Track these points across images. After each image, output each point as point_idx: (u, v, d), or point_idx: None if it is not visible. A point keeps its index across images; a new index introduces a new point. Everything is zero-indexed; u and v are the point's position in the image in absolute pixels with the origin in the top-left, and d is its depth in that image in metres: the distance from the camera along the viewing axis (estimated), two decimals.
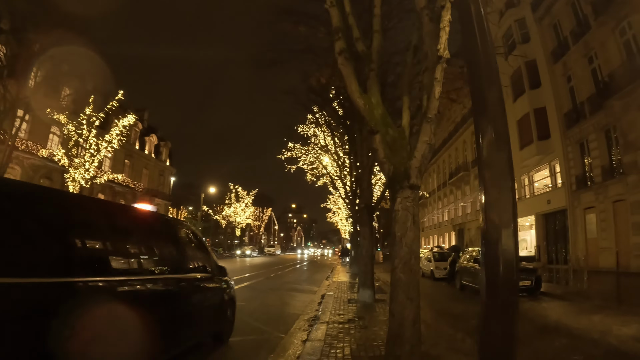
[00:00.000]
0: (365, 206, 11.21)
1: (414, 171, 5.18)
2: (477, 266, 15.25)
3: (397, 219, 5.16)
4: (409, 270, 5.02)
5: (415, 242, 5.14)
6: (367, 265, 10.88)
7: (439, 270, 21.56)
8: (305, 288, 16.52)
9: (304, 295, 13.96)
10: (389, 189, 5.47)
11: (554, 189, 26.91)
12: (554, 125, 26.94)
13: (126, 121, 27.17)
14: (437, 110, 5.38)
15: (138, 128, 55.40)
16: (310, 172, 25.54)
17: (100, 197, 48.73)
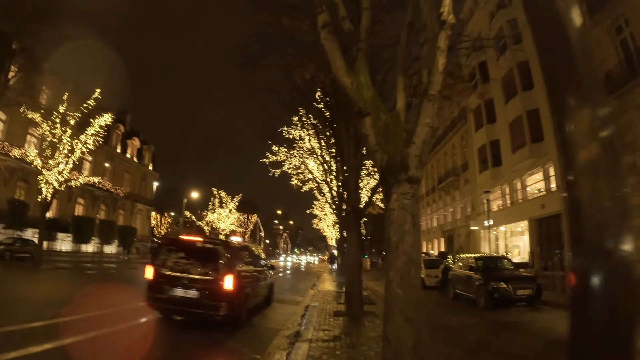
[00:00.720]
0: (353, 210, 10.16)
1: (413, 160, 4.13)
2: (472, 274, 14.28)
3: (392, 220, 4.10)
4: (408, 285, 3.96)
5: (416, 249, 4.07)
6: (354, 274, 9.81)
7: (430, 278, 20.56)
8: (287, 298, 15.26)
9: (285, 307, 12.76)
10: (381, 184, 4.41)
11: (549, 193, 26.10)
12: (547, 126, 26.14)
13: (102, 121, 25.72)
14: (440, 86, 4.34)
15: (120, 131, 54.00)
16: (296, 176, 24.43)
17: (80, 201, 47.33)
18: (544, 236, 26.82)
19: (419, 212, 4.30)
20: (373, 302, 12.87)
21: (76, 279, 19.27)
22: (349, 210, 10.31)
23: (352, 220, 10.13)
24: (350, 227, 10.38)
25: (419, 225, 4.19)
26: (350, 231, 10.38)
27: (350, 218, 10.18)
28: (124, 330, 8.22)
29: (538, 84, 27.31)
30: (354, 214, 10.09)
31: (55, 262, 30.17)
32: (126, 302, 11.18)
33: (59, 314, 8.71)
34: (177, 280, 8.71)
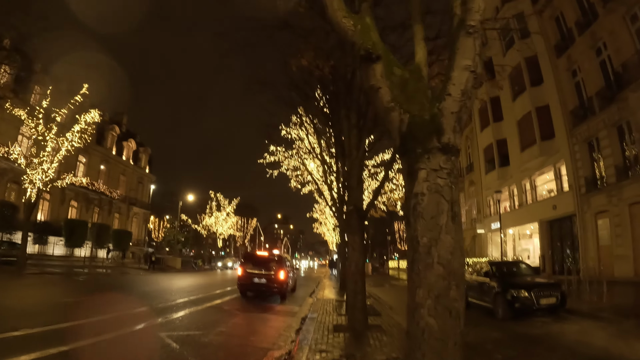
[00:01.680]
0: (355, 209, 8.74)
1: (449, 120, 2.76)
2: (487, 281, 12.85)
3: (420, 211, 2.71)
4: (446, 312, 2.55)
5: (457, 256, 2.66)
6: (357, 283, 8.39)
7: None
8: (283, 309, 13.79)
9: (280, 318, 11.32)
10: (402, 156, 2.99)
11: (560, 193, 24.70)
12: (558, 123, 24.83)
13: (89, 117, 24.35)
14: (482, 14, 2.95)
15: (115, 132, 52.74)
16: (295, 178, 23.13)
17: (73, 204, 45.90)
18: (556, 239, 25.43)
19: (459, 199, 2.90)
20: (377, 313, 11.43)
21: (59, 286, 17.92)
22: (350, 210, 8.89)
23: (354, 221, 8.72)
24: (352, 228, 8.98)
25: (460, 218, 2.79)
26: (352, 233, 8.97)
27: (352, 218, 8.78)
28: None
29: (548, 79, 26.01)
30: (356, 213, 8.68)
31: (45, 266, 28.95)
32: (107, 312, 9.79)
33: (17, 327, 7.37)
34: (254, 274, 16.17)
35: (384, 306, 13.97)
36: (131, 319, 9.57)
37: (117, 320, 9.35)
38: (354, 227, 8.89)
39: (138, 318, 9.82)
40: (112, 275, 27.38)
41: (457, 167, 2.89)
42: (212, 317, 10.60)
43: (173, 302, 13.19)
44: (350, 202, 9.15)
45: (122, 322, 9.06)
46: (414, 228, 2.69)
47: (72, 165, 44.95)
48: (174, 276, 30.15)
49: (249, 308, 13.19)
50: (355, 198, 8.95)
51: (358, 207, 8.83)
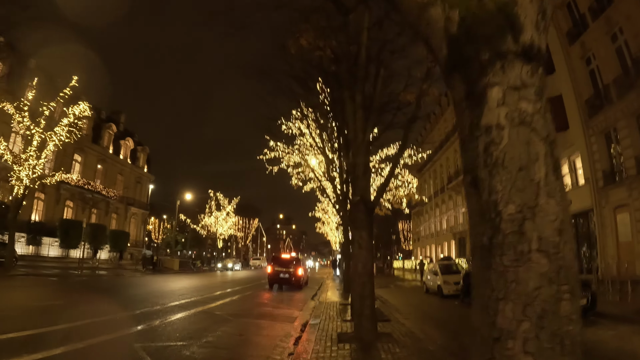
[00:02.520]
0: (362, 200, 7.51)
1: (529, 9, 1.53)
2: None
3: (498, 157, 1.48)
4: (557, 344, 1.32)
5: (568, 236, 1.43)
6: (364, 286, 7.14)
7: (448, 285, 17.86)
8: (282, 313, 12.50)
9: (277, 325, 10.00)
10: (452, 72, 1.74)
11: (575, 188, 23.42)
12: (572, 114, 23.57)
13: (78, 110, 23.16)
14: None
15: (112, 131, 51.64)
16: (296, 175, 21.97)
17: (69, 204, 44.73)
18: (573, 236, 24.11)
19: (555, 135, 1.69)
20: (386, 319, 10.20)
21: (42, 288, 16.77)
22: (356, 201, 7.65)
23: (360, 214, 7.49)
24: (359, 223, 7.74)
25: (560, 171, 1.57)
26: (359, 229, 7.73)
27: (359, 211, 7.55)
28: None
29: (560, 68, 24.75)
30: (363, 205, 7.45)
31: (38, 267, 28.04)
32: (82, 318, 8.59)
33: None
34: (280, 271, 22.02)
35: (391, 310, 12.76)
36: (106, 327, 8.37)
37: (90, 328, 8.16)
38: (360, 221, 7.66)
39: (114, 325, 8.62)
40: (104, 277, 26.19)
41: (545, 84, 1.69)
42: (201, 324, 9.38)
43: (160, 307, 12.01)
44: (356, 192, 7.91)
45: (95, 330, 7.86)
46: (489, 189, 1.49)
47: (68, 164, 43.90)
48: (169, 278, 28.95)
49: (243, 312, 11.90)
50: (362, 188, 7.73)
51: (365, 198, 7.60)
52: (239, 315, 10.95)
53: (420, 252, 60.82)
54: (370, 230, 7.48)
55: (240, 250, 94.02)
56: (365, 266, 7.21)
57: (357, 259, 7.40)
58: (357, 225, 7.72)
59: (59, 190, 42.44)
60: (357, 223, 7.71)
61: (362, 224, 7.52)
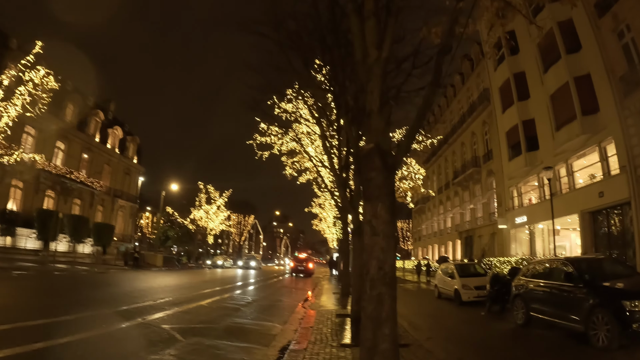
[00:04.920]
0: (377, 150, 4.45)
1: None
2: (569, 286, 8.41)
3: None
4: None
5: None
6: (381, 302, 3.88)
7: (467, 290, 14.84)
8: (257, 327, 9.16)
9: (241, 349, 6.74)
10: None
11: (607, 178, 20.46)
12: (604, 94, 20.63)
13: (36, 76, 20.14)
14: None
15: (99, 118, 48.59)
16: (290, 165, 19.21)
17: (50, 194, 41.61)
18: (603, 233, 21.17)
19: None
20: (403, 343, 6.93)
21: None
22: (369, 151, 4.47)
23: (376, 174, 4.39)
24: (373, 189, 4.40)
25: None
26: (372, 200, 4.43)
27: (373, 168, 4.39)
28: None
29: (588, 44, 21.87)
30: (380, 159, 4.42)
31: (11, 260, 25.81)
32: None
33: None
34: (298, 265, 41.89)
35: (403, 323, 9.69)
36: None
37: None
38: (375, 187, 4.54)
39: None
40: (74, 272, 23.09)
41: None
42: (124, 348, 6.43)
43: (92, 312, 9.14)
44: (369, 137, 4.82)
45: None
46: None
47: (49, 151, 40.91)
48: (147, 275, 25.98)
49: (203, 327, 8.40)
50: (377, 131, 4.65)
51: (382, 147, 4.58)
52: (193, 332, 7.62)
53: (421, 252, 58.11)
54: (391, 203, 4.49)
55: (239, 248, 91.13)
56: (383, 266, 4.17)
57: (370, 253, 4.32)
58: (371, 193, 4.60)
59: (38, 179, 39.41)
60: (369, 190, 4.61)
61: (378, 190, 4.46)
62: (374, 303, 3.93)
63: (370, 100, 4.82)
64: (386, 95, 5.37)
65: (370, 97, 4.84)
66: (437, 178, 50.09)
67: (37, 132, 39.05)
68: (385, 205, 4.38)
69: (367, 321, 3.88)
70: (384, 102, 4.87)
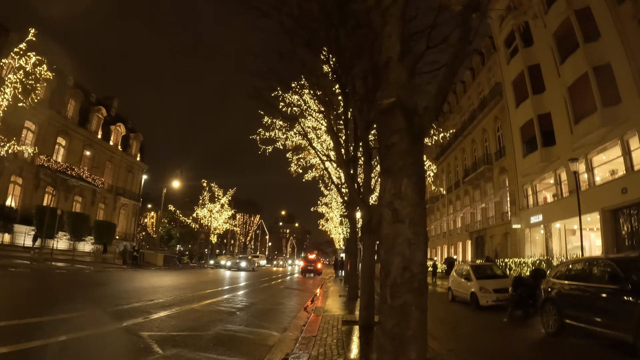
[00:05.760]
0: (400, 106, 3.31)
1: None
2: (615, 289, 7.19)
3: None
4: None
5: None
6: (409, 311, 2.89)
7: (486, 293, 13.65)
8: (251, 335, 7.86)
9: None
10: None
11: (631, 173, 19.24)
12: (626, 84, 19.44)
13: (23, 61, 19.17)
14: None
15: (102, 114, 47.70)
16: (296, 161, 18.45)
17: (50, 190, 40.65)
18: (625, 232, 19.93)
19: None
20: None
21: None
22: (389, 107, 3.38)
23: (399, 138, 3.30)
24: (396, 157, 3.29)
25: None
26: (394, 173, 3.21)
27: (395, 130, 3.29)
28: None
29: (607, 32, 20.69)
30: (403, 117, 3.30)
31: (6, 257, 25.00)
32: None
33: None
34: (308, 265, 44.70)
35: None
36: None
37: None
38: (397, 154, 3.33)
39: None
40: (59, 270, 22.14)
41: None
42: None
43: (77, 314, 8.13)
44: (388, 92, 3.65)
45: None
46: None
47: (50, 147, 40.13)
48: (144, 275, 25.05)
49: (189, 334, 7.42)
50: (398, 82, 3.52)
51: (406, 102, 3.47)
52: (175, 342, 6.44)
53: (429, 253, 56.83)
54: (419, 178, 3.38)
55: (246, 247, 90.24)
56: (409, 265, 3.00)
57: (391, 248, 3.13)
58: (392, 164, 3.41)
59: (38, 175, 38.61)
60: (390, 159, 3.43)
61: (402, 160, 3.31)
62: (396, 317, 2.81)
63: (388, 45, 3.68)
64: (408, 41, 4.21)
65: (387, 42, 3.70)
66: (447, 177, 48.84)
67: (37, 127, 38.37)
68: (412, 180, 3.27)
69: (387, 340, 2.76)
70: (405, 49, 3.75)
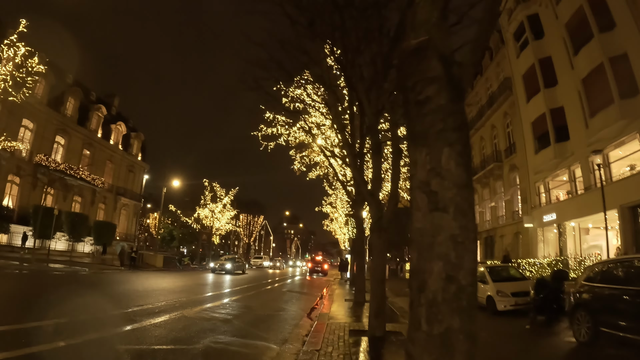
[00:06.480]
0: (431, 44, 2.33)
1: None
2: None
3: None
4: None
5: None
6: (455, 342, 1.95)
7: (503, 297, 12.63)
8: (244, 350, 6.76)
9: None
10: None
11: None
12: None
13: (19, 53, 18.39)
14: None
15: (101, 113, 46.86)
16: (299, 159, 18.04)
17: (49, 191, 39.82)
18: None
19: None
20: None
21: None
22: (416, 47, 2.45)
23: (434, 90, 2.29)
24: (430, 123, 2.20)
25: None
26: (428, 142, 2.32)
27: (428, 78, 2.39)
28: None
29: (623, 20, 19.68)
30: (438, 59, 2.44)
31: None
32: None
33: None
34: (315, 266, 48.91)
35: None
36: None
37: None
38: (433, 112, 2.22)
39: None
40: (52, 272, 21.26)
41: None
42: None
43: (36, 323, 7.28)
44: (416, 32, 2.67)
45: None
46: None
47: (48, 146, 39.30)
48: (140, 277, 24.17)
49: (182, 337, 6.73)
50: (426, 22, 2.63)
51: (441, 48, 2.51)
52: (154, 358, 5.66)
53: None
54: (465, 146, 2.45)
55: (249, 248, 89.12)
56: (455, 274, 2.01)
57: (429, 249, 2.15)
58: (426, 125, 2.46)
59: (36, 174, 37.76)
60: (424, 119, 2.48)
61: (442, 121, 2.32)
62: (436, 350, 1.89)
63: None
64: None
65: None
66: None
67: (35, 125, 37.59)
68: (456, 151, 2.32)
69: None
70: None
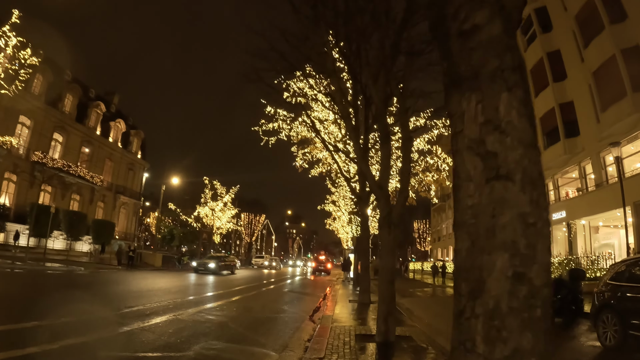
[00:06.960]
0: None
1: None
2: None
3: None
4: None
5: None
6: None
7: None
8: (238, 358, 6.21)
9: None
10: None
11: None
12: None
13: (10, 44, 17.77)
14: None
15: (100, 110, 46.28)
16: (301, 156, 17.40)
17: (46, 188, 39.30)
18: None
19: None
20: None
21: None
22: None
23: (483, 16, 1.79)
24: (481, 61, 1.49)
25: None
26: (480, 84, 1.62)
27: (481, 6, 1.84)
28: None
29: (635, 12, 19.07)
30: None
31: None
32: None
33: None
34: (319, 265, 48.70)
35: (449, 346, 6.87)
36: None
37: None
38: (484, 47, 1.59)
39: None
40: (46, 271, 20.64)
41: None
42: None
43: (15, 326, 6.64)
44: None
45: None
46: None
47: (45, 143, 38.65)
48: (136, 276, 23.44)
49: (172, 343, 6.02)
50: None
51: None
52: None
53: (440, 253, 55.86)
54: (526, 92, 1.81)
55: (251, 248, 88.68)
56: (526, 271, 1.36)
57: (487, 237, 1.45)
58: (476, 62, 1.77)
59: (33, 172, 37.12)
60: (473, 54, 1.81)
61: (496, 55, 1.70)
62: None
63: None
64: None
65: None
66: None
67: (32, 122, 36.99)
68: (517, 97, 1.68)
69: None
70: None
